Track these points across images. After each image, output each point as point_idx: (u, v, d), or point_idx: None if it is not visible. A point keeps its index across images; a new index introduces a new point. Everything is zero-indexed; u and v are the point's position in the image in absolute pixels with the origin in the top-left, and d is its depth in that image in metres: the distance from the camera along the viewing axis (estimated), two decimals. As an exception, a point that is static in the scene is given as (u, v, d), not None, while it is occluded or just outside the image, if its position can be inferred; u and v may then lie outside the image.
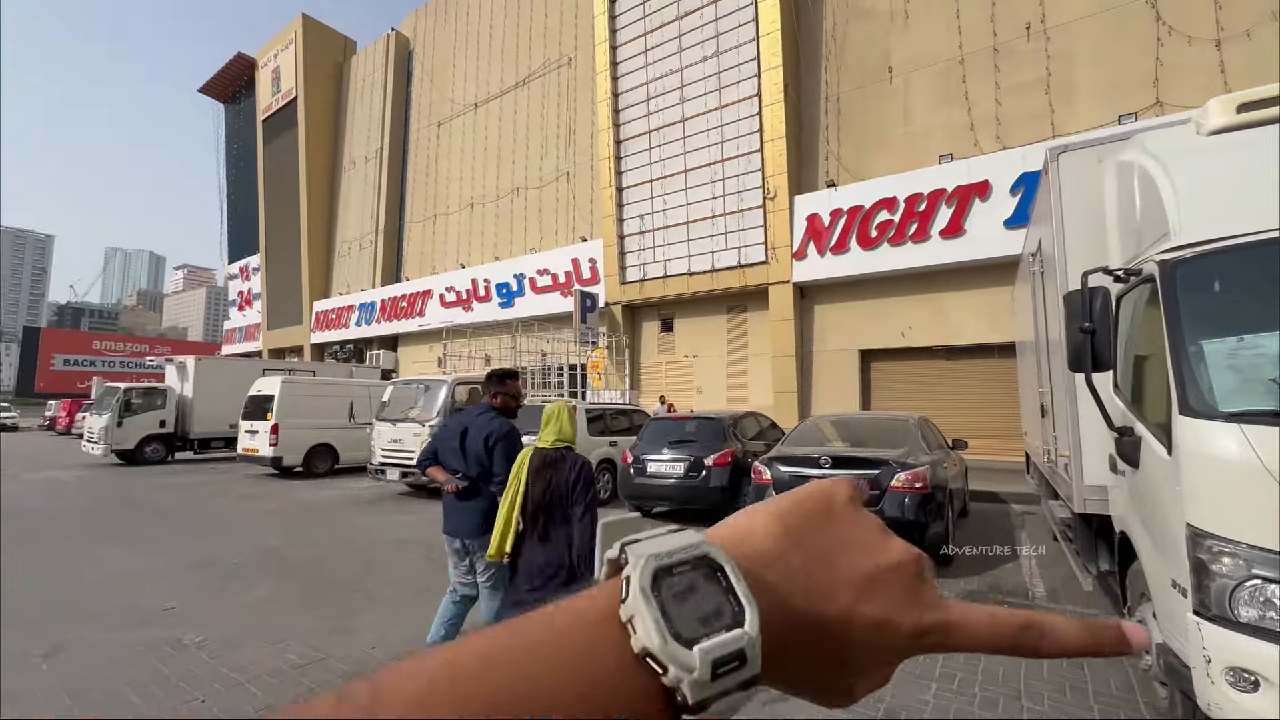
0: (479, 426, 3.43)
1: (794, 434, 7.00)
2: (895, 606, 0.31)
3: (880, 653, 0.31)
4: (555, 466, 2.87)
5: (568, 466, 2.88)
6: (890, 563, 0.32)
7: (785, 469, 6.04)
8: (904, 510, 5.38)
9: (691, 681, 0.24)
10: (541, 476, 2.86)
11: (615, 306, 19.26)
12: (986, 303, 13.93)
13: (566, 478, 2.86)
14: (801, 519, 0.32)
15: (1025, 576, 5.54)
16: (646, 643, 0.24)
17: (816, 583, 0.29)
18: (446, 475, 3.46)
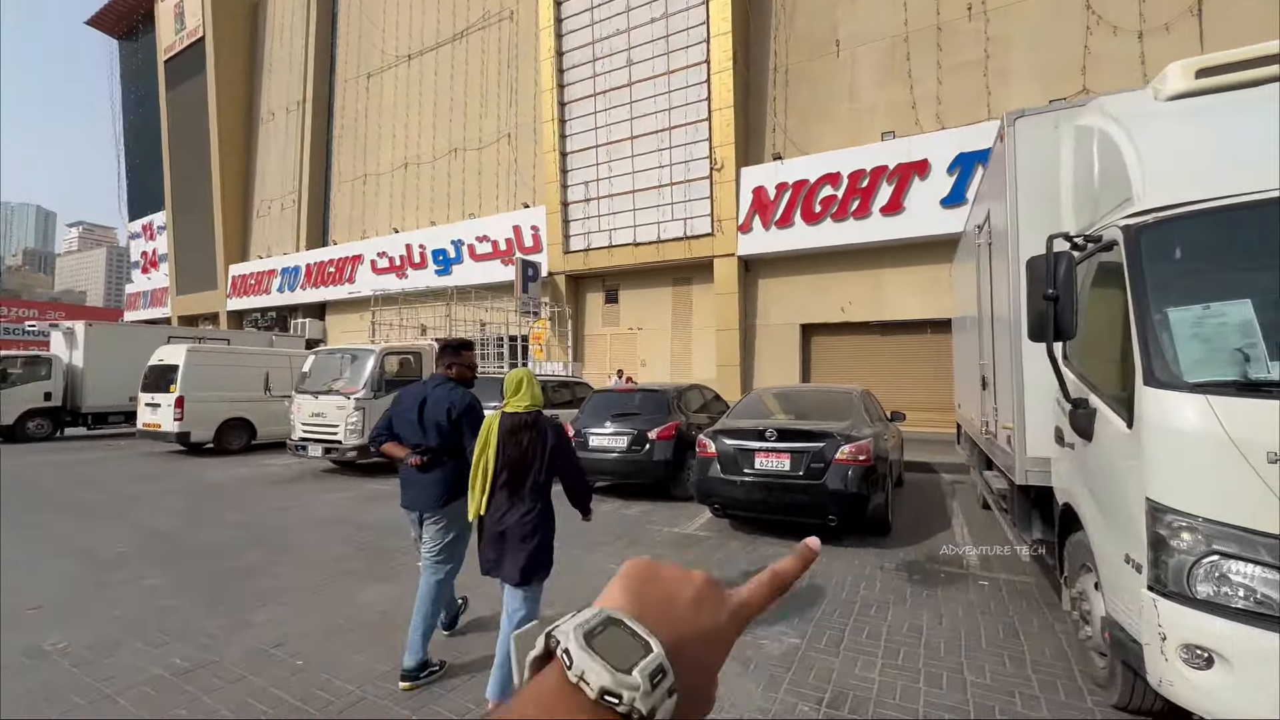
0: (438, 398, 3.36)
1: (738, 407, 6.85)
2: (710, 611, 0.41)
3: (717, 643, 0.41)
4: (531, 429, 2.89)
5: (542, 430, 2.92)
6: (698, 588, 0.42)
7: (730, 442, 5.88)
8: (847, 483, 5.33)
9: (641, 696, 0.32)
10: (516, 439, 2.87)
11: (558, 276, 18.64)
12: (922, 280, 14.29)
13: (544, 440, 2.90)
14: (640, 584, 0.41)
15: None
16: (603, 682, 0.32)
17: (670, 614, 0.39)
18: (405, 450, 3.39)
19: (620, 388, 8.29)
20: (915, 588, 4.58)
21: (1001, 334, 4.34)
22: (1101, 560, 2.75)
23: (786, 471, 5.54)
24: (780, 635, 3.78)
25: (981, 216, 5.23)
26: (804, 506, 5.48)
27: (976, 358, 5.78)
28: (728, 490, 5.76)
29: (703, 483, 5.96)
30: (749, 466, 5.70)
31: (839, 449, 5.41)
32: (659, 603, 0.39)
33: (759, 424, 5.97)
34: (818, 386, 7.42)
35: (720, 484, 5.80)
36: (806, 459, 5.49)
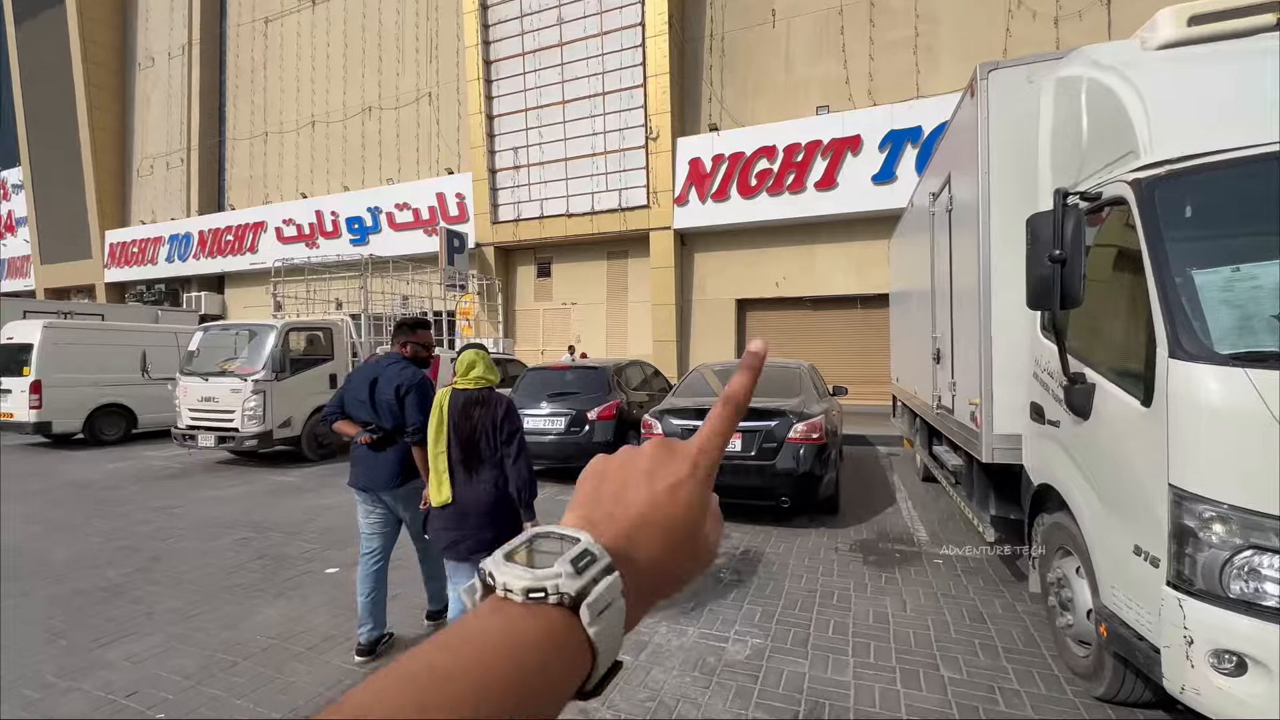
0: (389, 377, 3.29)
1: (683, 385, 6.43)
2: (672, 469, 0.40)
3: (690, 502, 0.39)
4: (482, 405, 2.85)
5: (494, 406, 2.87)
6: (649, 458, 0.41)
7: (677, 423, 5.45)
8: (799, 462, 5.04)
9: (565, 580, 0.32)
10: (467, 415, 2.82)
11: (487, 248, 17.53)
12: (854, 256, 14.43)
13: (494, 416, 2.84)
14: (591, 490, 0.40)
15: (906, 521, 5.53)
16: (523, 583, 0.32)
17: (624, 499, 0.39)
18: (356, 428, 3.32)
19: (556, 364, 7.67)
20: (872, 570, 4.36)
21: (965, 307, 4.10)
22: (1098, 548, 2.51)
23: (737, 452, 5.19)
24: (743, 636, 3.41)
25: (938, 184, 4.98)
26: (756, 489, 5.16)
27: (925, 331, 5.61)
28: None
29: None
30: (698, 448, 5.31)
31: (791, 427, 5.10)
32: (610, 500, 0.39)
33: (706, 402, 5.57)
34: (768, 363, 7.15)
35: None
36: (758, 439, 5.15)
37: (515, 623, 0.30)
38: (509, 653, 0.29)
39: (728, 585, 4.13)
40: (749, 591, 4.02)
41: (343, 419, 3.38)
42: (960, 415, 4.29)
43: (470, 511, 2.78)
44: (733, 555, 4.70)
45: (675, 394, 6.22)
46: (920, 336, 6.02)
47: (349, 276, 15.52)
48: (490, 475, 2.82)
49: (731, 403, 0.44)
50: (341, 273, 15.59)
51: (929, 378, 5.45)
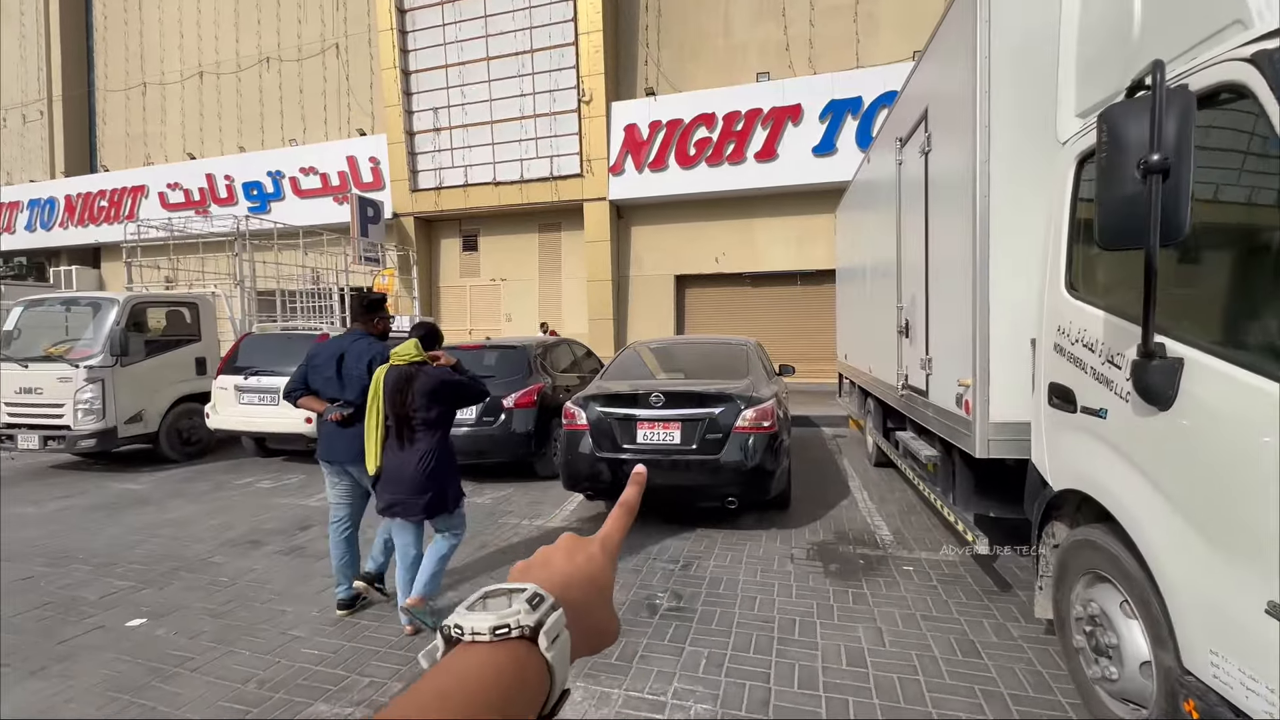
0: (358, 352, 3.35)
1: (614, 366, 5.44)
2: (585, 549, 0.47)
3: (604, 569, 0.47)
4: (411, 381, 2.94)
5: (423, 379, 2.95)
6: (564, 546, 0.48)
7: (605, 410, 4.48)
8: (748, 455, 4.19)
9: (524, 615, 0.36)
10: (400, 391, 2.93)
11: (406, 219, 15.79)
12: (793, 231, 13.83)
13: (422, 389, 2.94)
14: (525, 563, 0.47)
15: (865, 516, 4.82)
16: (489, 623, 0.36)
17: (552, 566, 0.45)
18: (324, 404, 3.35)
19: (470, 344, 6.50)
20: (837, 585, 3.59)
21: (949, 267, 3.31)
22: (1183, 592, 1.74)
23: (676, 445, 4.29)
24: (685, 697, 2.52)
25: (907, 125, 4.17)
26: (698, 488, 4.29)
27: (886, 303, 4.87)
28: (603, 471, 4.39)
29: (571, 463, 4.53)
30: (629, 441, 4.36)
31: (739, 415, 4.24)
32: (540, 566, 0.45)
33: (642, 386, 4.64)
34: (706, 339, 6.25)
35: (593, 464, 4.40)
36: (701, 429, 4.26)
37: (490, 656, 0.35)
38: (493, 679, 0.34)
39: (666, 617, 3.24)
40: (692, 625, 3.14)
41: (307, 395, 3.41)
42: (939, 398, 3.53)
43: (407, 477, 2.96)
44: (671, 572, 3.82)
45: (604, 376, 5.24)
46: (878, 310, 5.29)
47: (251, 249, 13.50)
48: (425, 443, 2.98)
49: (626, 507, 0.53)
50: (226, 245, 13.55)
51: (890, 355, 4.72)
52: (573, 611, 0.40)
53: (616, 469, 4.33)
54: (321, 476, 3.55)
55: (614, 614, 0.46)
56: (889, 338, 4.76)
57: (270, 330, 7.07)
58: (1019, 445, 2.82)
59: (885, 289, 4.96)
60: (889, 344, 4.78)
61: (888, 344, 4.85)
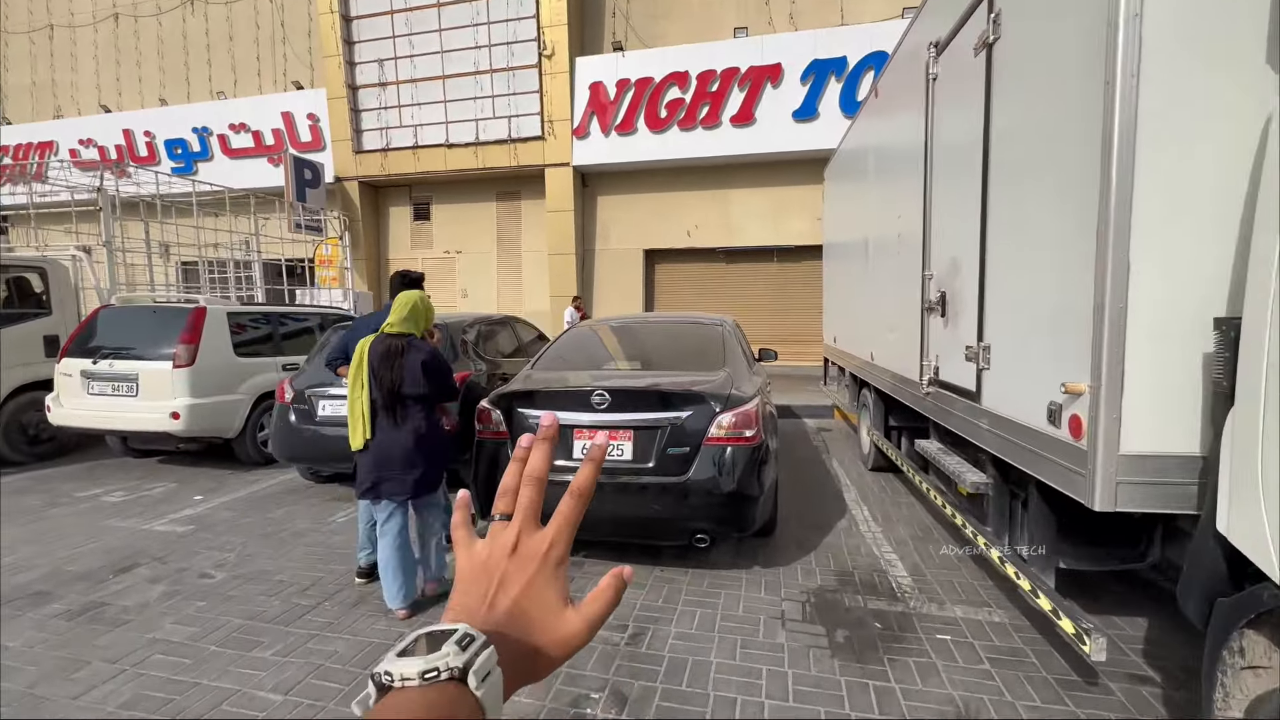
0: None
1: (551, 351, 4.09)
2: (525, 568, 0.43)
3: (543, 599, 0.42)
4: (401, 354, 2.78)
5: (415, 353, 2.80)
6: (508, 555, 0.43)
7: (534, 413, 3.22)
8: (724, 475, 2.98)
9: (453, 656, 0.35)
10: (389, 365, 2.76)
11: (349, 183, 14.03)
12: (770, 203, 12.63)
13: (413, 364, 2.77)
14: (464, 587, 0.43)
15: (871, 545, 3.70)
16: (417, 668, 0.34)
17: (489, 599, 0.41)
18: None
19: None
20: (851, 670, 2.44)
21: (1047, 211, 2.11)
22: None
23: (626, 462, 3.05)
24: None
25: (951, 20, 2.92)
26: (656, 521, 3.07)
27: (896, 277, 3.70)
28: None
29: (488, 481, 3.26)
30: (563, 455, 3.11)
31: (713, 421, 3.02)
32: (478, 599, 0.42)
33: (581, 380, 3.38)
34: (673, 318, 4.95)
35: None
36: (660, 439, 3.03)
37: (421, 700, 0.34)
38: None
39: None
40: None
41: (346, 364, 3.19)
42: (1003, 404, 2.37)
43: (394, 455, 2.78)
44: (614, 649, 2.62)
45: (541, 364, 3.93)
46: (886, 284, 4.11)
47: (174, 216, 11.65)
48: (414, 420, 2.81)
49: (578, 495, 0.47)
50: (167, 210, 11.71)
51: (906, 340, 3.56)
52: (509, 644, 0.39)
53: (547, 497, 3.10)
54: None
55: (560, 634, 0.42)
56: (905, 318, 3.59)
57: (135, 302, 5.55)
58: (1169, 494, 1.67)
59: (899, 257, 3.77)
60: (904, 325, 3.61)
61: (903, 325, 3.68)
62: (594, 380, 3.33)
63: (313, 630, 2.76)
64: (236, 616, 2.88)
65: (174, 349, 5.01)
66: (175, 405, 4.91)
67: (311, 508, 4.41)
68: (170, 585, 3.22)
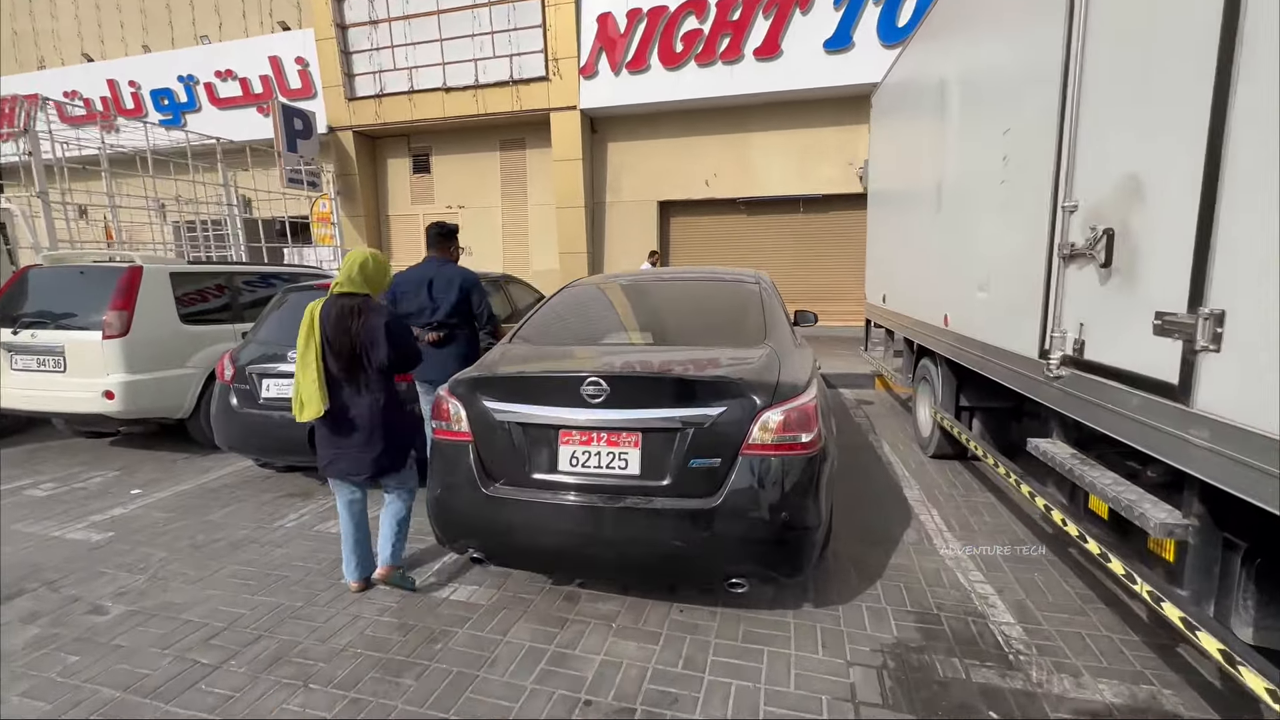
0: (447, 275, 3.38)
1: (538, 319, 3.08)
2: None
3: None
4: (357, 316, 2.42)
5: (373, 315, 2.43)
6: None
7: (503, 408, 2.28)
8: (771, 499, 2.03)
9: None
10: (343, 328, 2.40)
11: (344, 133, 12.88)
12: (795, 148, 11.26)
13: (373, 326, 2.41)
14: None
15: (955, 571, 2.78)
16: None
17: None
18: (417, 329, 3.19)
19: (323, 283, 4.14)
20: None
21: None
22: None
23: (632, 478, 2.13)
24: None
25: None
26: (672, 561, 2.14)
27: (989, 220, 2.64)
28: (498, 523, 2.25)
29: (445, 502, 2.36)
30: (545, 467, 2.19)
31: (756, 419, 2.07)
32: None
33: (570, 362, 2.45)
34: (700, 274, 3.74)
35: (482, 508, 2.25)
36: (680, 446, 2.09)
37: None
38: None
39: None
40: None
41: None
42: (1250, 413, 1.38)
43: (349, 430, 2.46)
44: (615, 756, 1.78)
45: (519, 336, 2.95)
46: (979, 228, 3.04)
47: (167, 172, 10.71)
48: (373, 391, 2.47)
49: None
50: (160, 166, 10.80)
51: (1014, 300, 2.53)
52: None
53: (522, 523, 2.20)
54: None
55: None
56: (1014, 269, 2.55)
57: (68, 262, 4.68)
58: None
59: (1005, 187, 2.69)
60: (1011, 280, 2.58)
61: (1007, 280, 2.65)
62: (589, 362, 2.38)
63: (199, 713, 1.96)
64: (109, 684, 2.09)
65: (104, 316, 4.16)
66: (108, 383, 4.09)
67: (260, 507, 3.61)
68: (48, 626, 2.45)
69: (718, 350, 2.46)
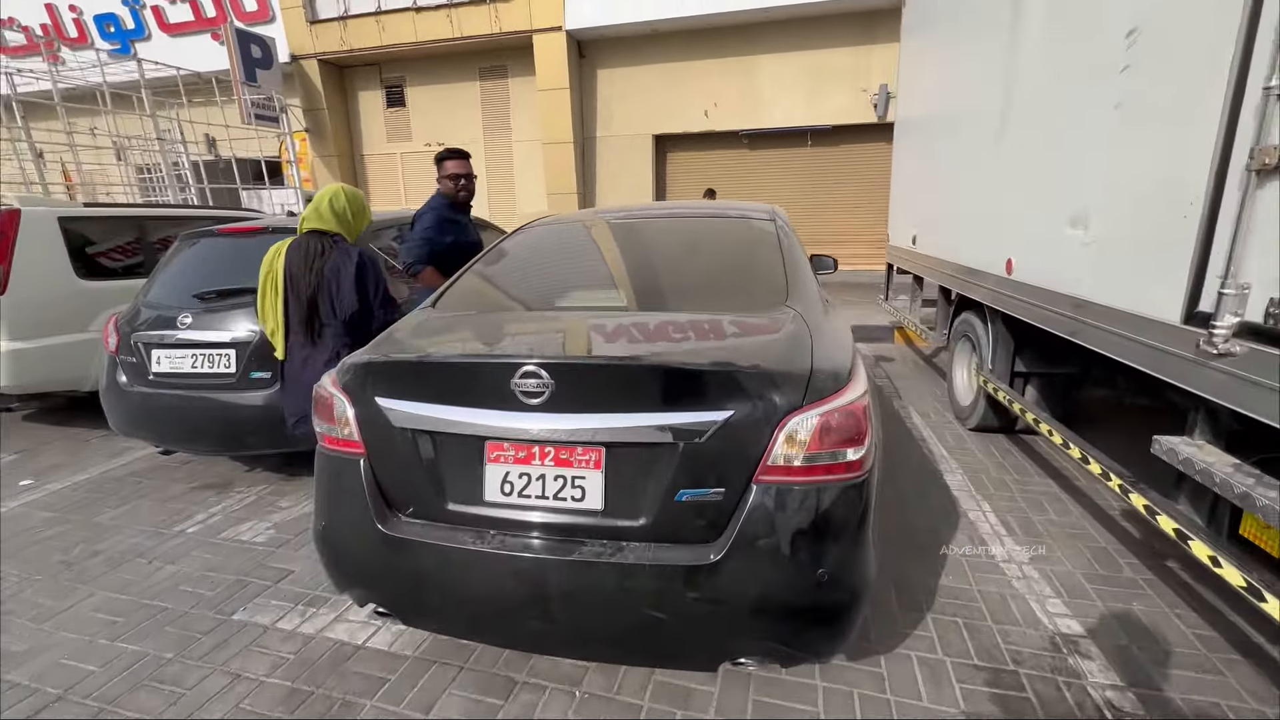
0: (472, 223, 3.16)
1: (477, 272, 2.22)
2: None
3: None
4: (322, 256, 2.18)
5: (342, 258, 2.17)
6: None
7: (401, 409, 1.50)
8: (798, 551, 1.29)
9: None
10: (306, 267, 2.15)
11: (308, 62, 11.48)
12: (804, 72, 9.96)
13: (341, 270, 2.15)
14: None
15: (1028, 600, 2.10)
16: None
17: None
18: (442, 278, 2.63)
19: (240, 227, 3.28)
20: None
21: None
22: None
23: (590, 513, 1.39)
24: None
25: None
26: (654, 635, 1.41)
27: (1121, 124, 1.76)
28: (400, 564, 1.53)
29: (331, 539, 1.63)
30: (468, 494, 1.45)
31: (778, 427, 1.31)
32: None
33: (505, 340, 1.68)
34: (697, 210, 2.65)
35: (380, 551, 1.53)
36: (661, 471, 1.34)
37: None
38: None
39: None
40: None
41: (429, 268, 2.83)
42: None
43: (304, 385, 2.08)
44: None
45: (445, 299, 2.09)
46: (1065, 151, 2.16)
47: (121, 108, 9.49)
48: (334, 345, 2.19)
49: None
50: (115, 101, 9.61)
51: (1142, 241, 1.70)
52: None
53: (435, 574, 1.48)
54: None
55: None
56: (1126, 201, 1.72)
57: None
58: None
59: (1134, 77, 1.81)
60: (1131, 214, 1.75)
61: (1123, 215, 1.81)
62: (525, 341, 1.61)
63: None
64: None
65: (-28, 272, 3.34)
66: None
67: (163, 504, 2.93)
68: None
69: (720, 319, 1.66)
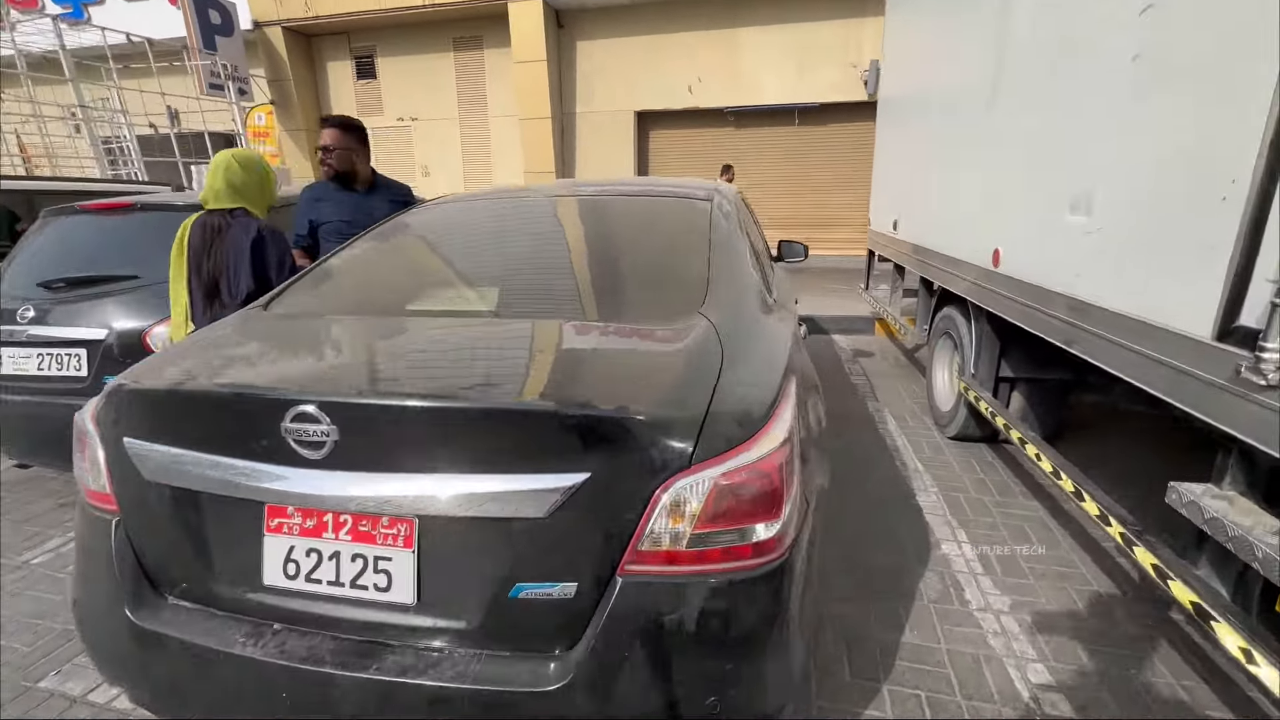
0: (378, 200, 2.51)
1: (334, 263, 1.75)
2: None
3: None
4: (219, 234, 1.95)
5: (239, 232, 1.93)
6: None
7: (158, 455, 1.06)
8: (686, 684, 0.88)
9: None
10: (207, 246, 1.94)
11: (272, 29, 10.72)
12: (792, 46, 9.35)
13: (239, 244, 1.91)
14: None
15: (1005, 663, 1.72)
16: None
17: None
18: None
19: (102, 204, 2.78)
20: None
21: None
22: None
23: (395, 608, 0.96)
24: None
25: None
26: None
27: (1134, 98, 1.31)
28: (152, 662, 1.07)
29: (81, 614, 1.18)
30: (243, 573, 1.02)
31: (652, 497, 0.90)
32: None
33: (290, 376, 1.21)
34: (623, 188, 2.04)
35: (124, 639, 1.08)
36: (492, 556, 0.93)
37: None
38: None
39: None
40: None
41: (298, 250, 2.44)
42: None
43: None
44: None
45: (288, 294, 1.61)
46: (1089, 122, 1.69)
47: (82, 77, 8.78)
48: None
49: None
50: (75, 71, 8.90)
51: (1155, 236, 1.27)
52: None
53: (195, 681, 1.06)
54: None
55: None
56: (1141, 186, 1.28)
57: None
58: None
59: (1157, 42, 1.36)
60: (1149, 201, 1.31)
61: (1138, 202, 1.38)
62: (314, 368, 1.18)
63: None
64: None
65: None
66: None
67: (16, 527, 2.50)
68: None
69: (602, 332, 1.22)
